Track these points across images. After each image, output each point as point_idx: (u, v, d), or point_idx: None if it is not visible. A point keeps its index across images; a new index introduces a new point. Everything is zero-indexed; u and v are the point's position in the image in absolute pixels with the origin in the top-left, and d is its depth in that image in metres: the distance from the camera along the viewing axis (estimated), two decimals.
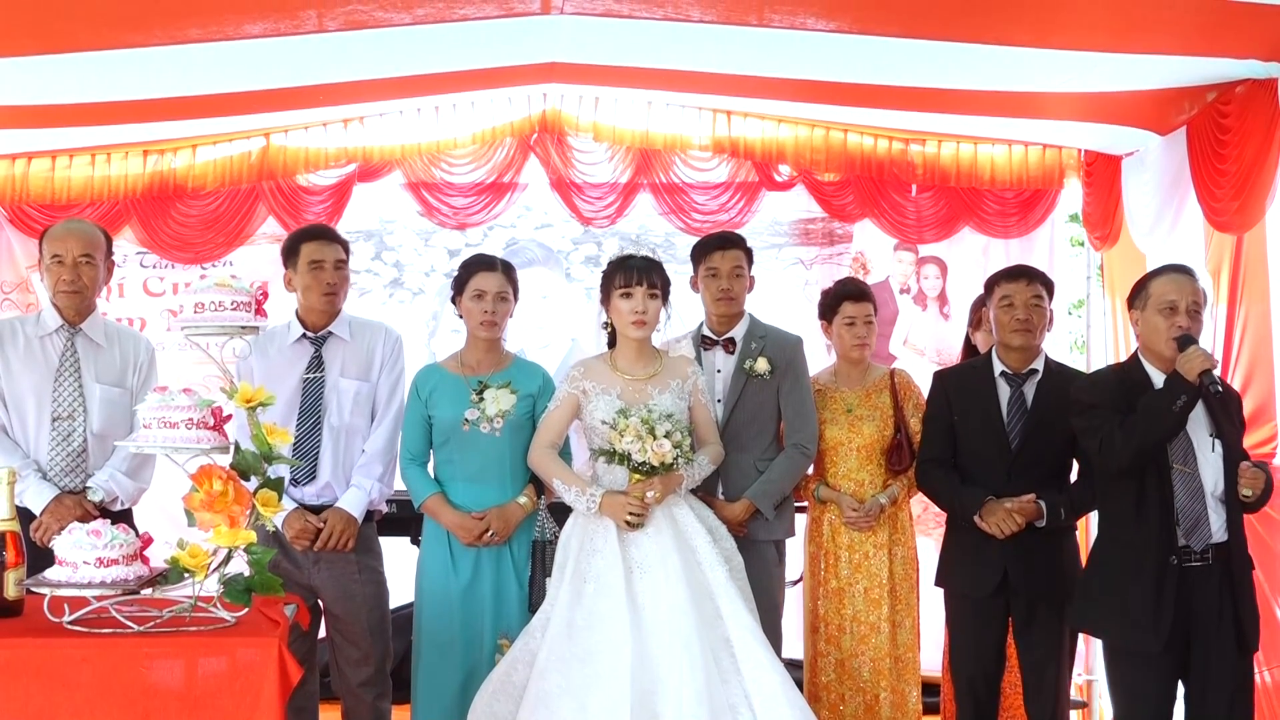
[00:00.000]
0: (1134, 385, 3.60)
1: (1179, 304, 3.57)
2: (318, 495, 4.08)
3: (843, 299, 4.38)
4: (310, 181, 6.02)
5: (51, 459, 3.99)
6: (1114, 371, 3.91)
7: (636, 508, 3.69)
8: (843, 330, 4.38)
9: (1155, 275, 3.69)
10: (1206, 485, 3.53)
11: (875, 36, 4.44)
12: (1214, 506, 3.53)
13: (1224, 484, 3.53)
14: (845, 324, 4.37)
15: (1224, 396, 3.65)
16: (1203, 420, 3.57)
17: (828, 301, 4.44)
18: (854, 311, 4.36)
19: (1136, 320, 3.69)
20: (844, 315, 4.37)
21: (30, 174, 5.80)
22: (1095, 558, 3.73)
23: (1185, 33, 4.17)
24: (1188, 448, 3.54)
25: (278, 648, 2.88)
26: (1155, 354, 3.61)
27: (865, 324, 4.36)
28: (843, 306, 4.37)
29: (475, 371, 4.05)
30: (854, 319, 4.35)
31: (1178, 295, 3.58)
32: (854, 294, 4.40)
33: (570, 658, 3.54)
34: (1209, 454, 3.54)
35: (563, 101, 5.96)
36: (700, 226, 5.95)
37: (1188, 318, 3.56)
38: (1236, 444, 3.61)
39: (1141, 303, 3.66)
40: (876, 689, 4.27)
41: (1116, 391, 3.63)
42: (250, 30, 4.25)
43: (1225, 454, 3.55)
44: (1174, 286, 3.60)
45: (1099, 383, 3.84)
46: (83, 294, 4.04)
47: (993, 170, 6.03)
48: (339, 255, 4.15)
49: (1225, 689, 3.52)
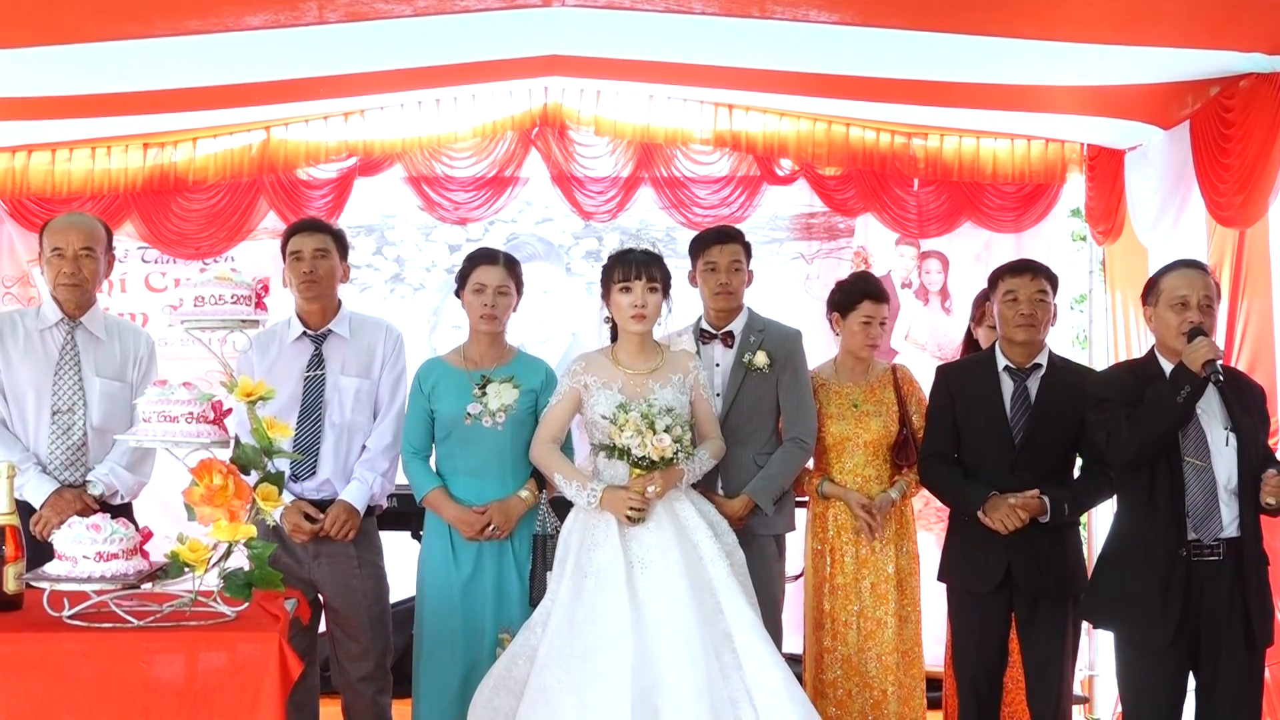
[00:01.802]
0: (1147, 380, 3.60)
1: (1190, 299, 3.57)
2: (318, 490, 4.07)
3: (865, 297, 4.30)
4: (311, 175, 6.02)
5: (51, 453, 3.98)
6: (1128, 367, 3.90)
7: (637, 502, 3.68)
8: (857, 328, 4.31)
9: (1167, 271, 3.69)
10: (1220, 479, 3.52)
11: (877, 29, 4.43)
12: (1226, 500, 3.52)
13: (1238, 478, 3.52)
14: (862, 322, 4.30)
15: (1244, 389, 3.65)
16: (1218, 414, 3.57)
17: (846, 296, 4.35)
18: (873, 312, 4.30)
19: (1150, 316, 3.69)
20: (863, 313, 4.30)
21: (30, 167, 5.81)
22: (1107, 551, 3.74)
23: (1189, 26, 4.16)
24: (1201, 441, 3.53)
25: (278, 642, 2.87)
26: (1169, 349, 3.61)
27: (880, 325, 4.34)
28: (863, 304, 4.30)
29: (478, 365, 4.04)
30: (871, 319, 4.30)
31: (1189, 290, 3.58)
32: (876, 293, 4.32)
33: (571, 653, 3.53)
34: (1223, 448, 3.54)
35: (564, 95, 5.95)
36: (701, 221, 5.94)
37: (1199, 313, 3.56)
38: (1253, 438, 3.58)
39: (1154, 299, 3.66)
40: (884, 684, 4.25)
41: (1129, 386, 3.62)
42: (250, 22, 4.24)
43: (1240, 448, 3.54)
44: (1185, 282, 3.60)
45: (1112, 377, 3.85)
46: (83, 287, 4.03)
47: (995, 164, 6.02)
48: (319, 244, 4.08)
49: (1234, 684, 3.51)
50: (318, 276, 4.08)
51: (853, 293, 4.34)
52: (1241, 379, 3.79)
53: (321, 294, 4.10)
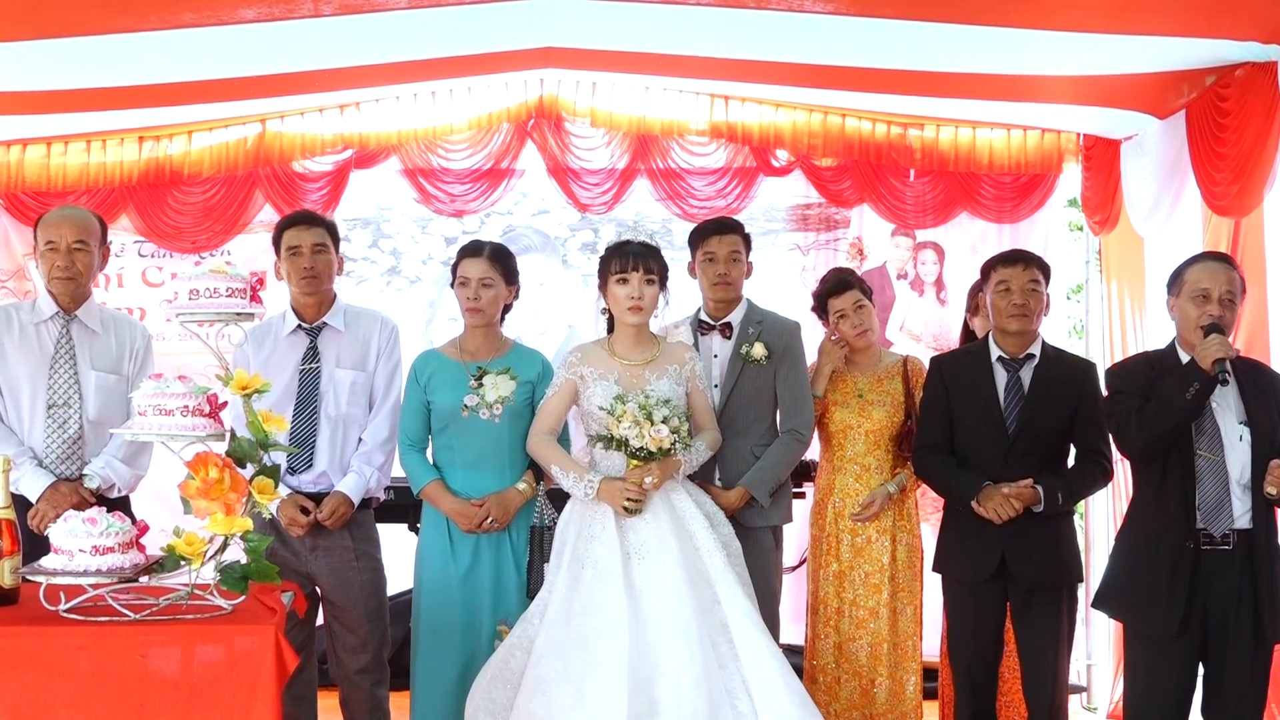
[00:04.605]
0: (1164, 372, 3.60)
1: (1212, 292, 3.57)
2: (315, 483, 4.07)
3: (826, 298, 4.44)
4: (307, 168, 6.01)
5: (47, 446, 3.98)
6: (1146, 358, 3.89)
7: (634, 493, 3.68)
8: (839, 324, 4.41)
9: (1191, 263, 3.70)
10: (1232, 473, 3.52)
11: (873, 19, 4.43)
12: (1238, 494, 3.53)
13: (1251, 472, 3.52)
14: (838, 318, 4.41)
15: (1265, 382, 3.65)
16: (1233, 407, 3.58)
17: (817, 303, 4.49)
18: (840, 305, 4.39)
19: (1172, 306, 3.70)
20: (833, 311, 4.42)
21: (25, 161, 5.80)
22: (1118, 541, 3.76)
23: (1184, 15, 4.16)
24: (1215, 434, 3.54)
25: (274, 635, 2.87)
26: (1188, 342, 3.61)
27: (857, 311, 4.37)
28: (829, 304, 4.42)
29: (474, 358, 4.04)
30: (843, 311, 4.38)
31: (1211, 284, 3.58)
32: (833, 288, 4.42)
33: (568, 643, 3.53)
34: (1236, 442, 3.54)
35: (559, 87, 5.94)
36: (697, 212, 5.94)
37: (1220, 306, 3.56)
38: (1269, 431, 3.57)
39: (1177, 289, 3.67)
40: (874, 674, 4.28)
41: (1145, 378, 3.63)
42: (244, 15, 4.23)
43: (1255, 442, 3.54)
44: (1208, 275, 3.61)
45: (1129, 369, 3.85)
46: (77, 280, 4.03)
47: (991, 155, 6.02)
48: (317, 239, 4.09)
49: (1241, 675, 3.52)
50: (317, 272, 4.09)
51: (820, 298, 4.48)
52: (1262, 371, 3.77)
53: (320, 288, 4.12)
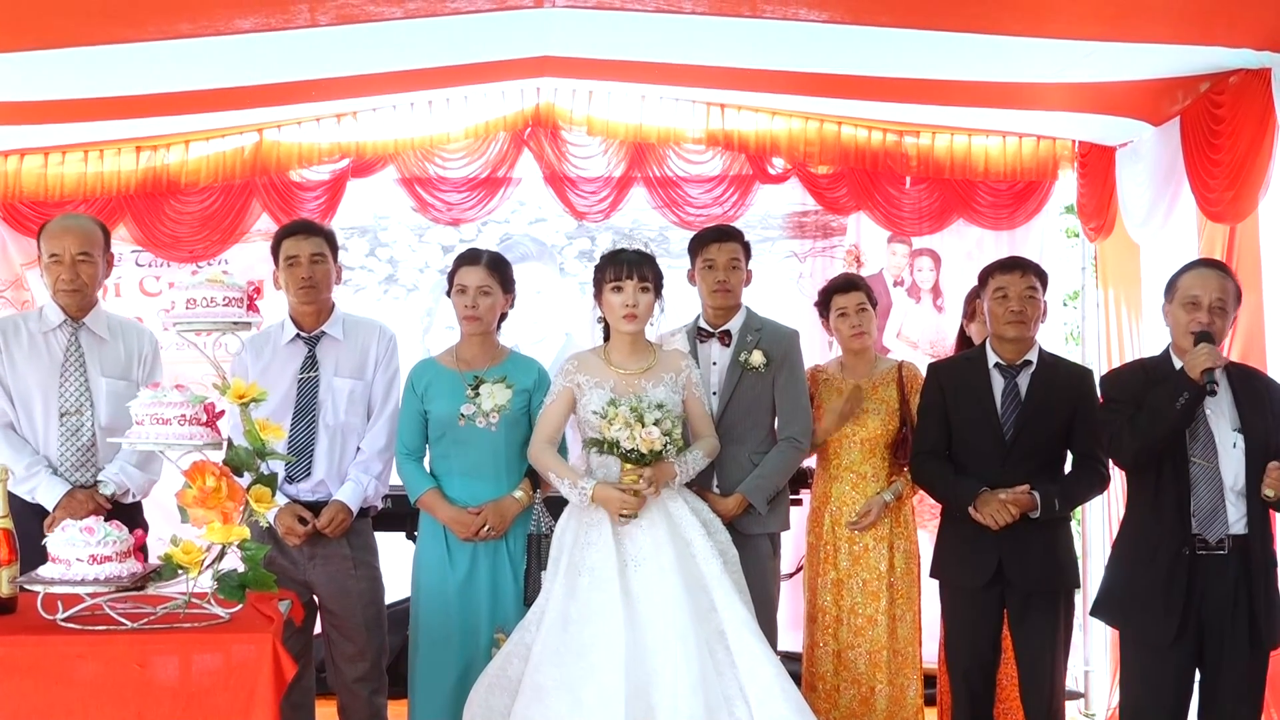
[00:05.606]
0: (1158, 380, 3.61)
1: (1202, 299, 3.57)
2: (313, 492, 4.08)
3: (832, 294, 4.48)
4: (304, 177, 6.01)
5: (61, 454, 3.98)
6: (1140, 365, 3.90)
7: (630, 501, 3.68)
8: (838, 322, 4.45)
9: (1185, 270, 3.70)
10: (1226, 480, 3.53)
11: (868, 28, 4.44)
12: (1233, 500, 3.53)
13: (1245, 479, 3.52)
14: (839, 315, 4.44)
15: (1260, 389, 3.65)
16: (1227, 414, 3.58)
17: (821, 299, 4.54)
18: (844, 302, 4.42)
19: (1167, 313, 3.71)
20: (836, 308, 4.45)
21: (23, 170, 5.79)
22: (1115, 549, 3.77)
23: (1179, 22, 4.17)
24: (1209, 442, 3.54)
25: (272, 644, 2.87)
26: (1181, 348, 3.62)
27: (858, 312, 4.40)
28: (833, 300, 4.46)
29: (470, 366, 4.05)
30: (845, 309, 4.41)
31: (1202, 291, 3.59)
32: (841, 286, 4.49)
33: (565, 651, 3.54)
34: (1230, 449, 3.55)
35: (556, 95, 5.95)
36: (694, 220, 5.95)
37: (1210, 314, 3.56)
38: (1263, 438, 3.57)
39: (1170, 295, 3.68)
40: (873, 681, 4.28)
41: (1138, 387, 3.64)
42: (241, 25, 4.24)
43: (1248, 449, 3.54)
44: (1199, 281, 3.61)
45: (1123, 377, 3.85)
46: (82, 292, 4.03)
47: (987, 162, 6.02)
48: (315, 249, 4.09)
49: (1236, 682, 3.52)
50: (315, 281, 4.09)
51: (824, 293, 4.52)
52: (1256, 378, 3.77)
53: (318, 297, 4.12)
